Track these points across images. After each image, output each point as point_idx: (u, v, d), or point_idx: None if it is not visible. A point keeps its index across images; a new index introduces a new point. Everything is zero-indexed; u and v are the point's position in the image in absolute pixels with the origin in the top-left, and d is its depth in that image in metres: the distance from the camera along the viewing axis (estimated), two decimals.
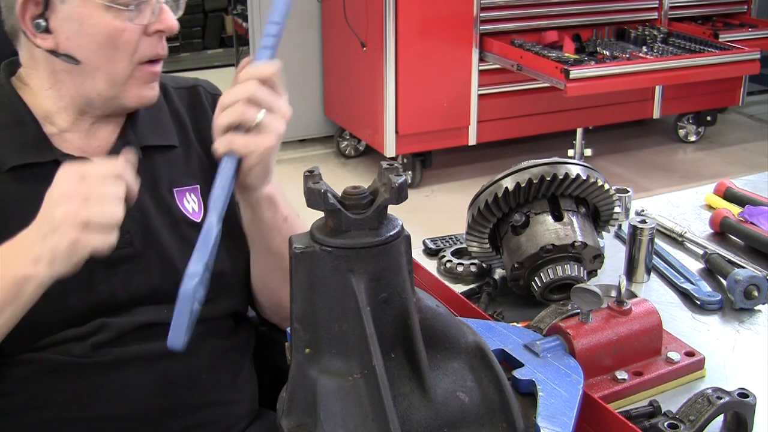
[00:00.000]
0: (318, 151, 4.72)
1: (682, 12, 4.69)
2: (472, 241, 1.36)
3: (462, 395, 0.87)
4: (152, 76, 1.20)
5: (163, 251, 1.21)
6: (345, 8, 4.15)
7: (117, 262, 1.18)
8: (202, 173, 1.29)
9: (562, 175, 1.28)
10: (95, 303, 1.16)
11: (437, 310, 0.89)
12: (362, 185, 0.85)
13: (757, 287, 1.30)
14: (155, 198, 1.23)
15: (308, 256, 0.83)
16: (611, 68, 3.85)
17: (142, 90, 1.19)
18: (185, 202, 1.26)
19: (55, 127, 1.20)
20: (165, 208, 1.24)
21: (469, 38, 4.13)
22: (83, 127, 1.21)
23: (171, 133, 1.28)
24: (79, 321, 1.15)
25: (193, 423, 1.22)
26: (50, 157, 1.17)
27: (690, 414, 0.97)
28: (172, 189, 1.26)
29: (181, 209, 1.25)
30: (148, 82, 1.20)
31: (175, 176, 1.26)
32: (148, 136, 1.25)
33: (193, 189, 1.27)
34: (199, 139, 1.31)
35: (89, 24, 1.13)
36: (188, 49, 6.39)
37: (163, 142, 1.27)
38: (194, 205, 1.27)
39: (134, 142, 1.23)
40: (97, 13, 1.13)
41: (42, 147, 1.18)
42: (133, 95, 1.19)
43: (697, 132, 4.90)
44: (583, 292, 1.09)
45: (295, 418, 0.84)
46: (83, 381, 1.15)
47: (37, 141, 1.18)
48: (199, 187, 1.28)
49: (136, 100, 1.20)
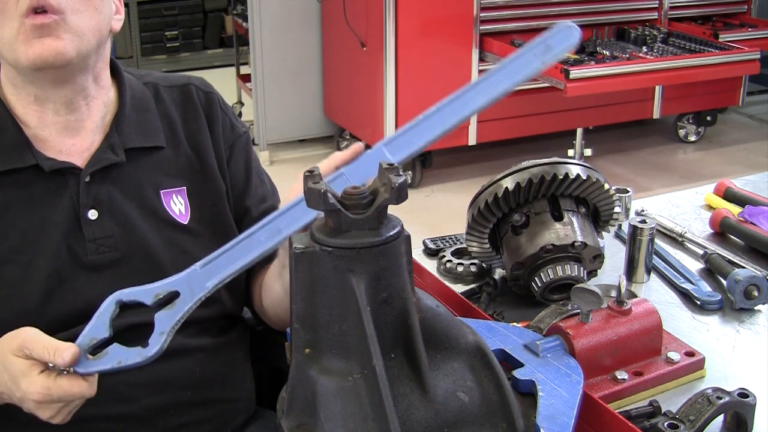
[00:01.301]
0: (318, 151, 4.71)
1: (682, 12, 4.69)
2: (472, 241, 1.36)
3: (462, 395, 0.87)
4: (38, 28, 1.09)
5: (149, 254, 1.20)
6: (345, 8, 4.15)
7: (101, 266, 1.18)
8: (190, 174, 1.27)
9: (562, 175, 1.28)
10: (81, 308, 1.15)
11: (437, 310, 0.89)
12: (362, 185, 0.85)
13: (757, 287, 1.30)
14: (140, 200, 1.22)
15: (308, 256, 0.83)
16: (611, 68, 3.85)
17: (34, 46, 1.09)
18: (172, 204, 1.25)
19: (30, 128, 1.18)
20: (150, 210, 1.23)
21: (469, 38, 4.13)
22: (47, 121, 1.18)
23: (158, 133, 1.26)
24: (67, 326, 1.13)
25: (187, 421, 1.22)
26: (30, 162, 1.16)
27: (690, 414, 0.97)
28: (159, 191, 1.24)
29: (168, 211, 1.24)
30: (39, 37, 1.09)
31: (162, 178, 1.25)
32: (134, 137, 1.23)
33: (180, 191, 1.26)
34: (188, 139, 1.29)
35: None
36: (188, 49, 6.38)
37: (150, 143, 1.25)
38: (181, 207, 1.26)
39: (118, 145, 1.21)
40: None
41: (22, 151, 1.16)
42: (26, 54, 1.09)
43: (697, 132, 4.90)
44: (583, 292, 1.09)
45: (295, 418, 0.84)
46: None
47: (17, 146, 1.16)
48: (185, 188, 1.27)
49: (31, 58, 1.09)
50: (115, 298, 0.96)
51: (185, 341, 1.22)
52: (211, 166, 1.29)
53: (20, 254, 1.15)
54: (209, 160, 1.29)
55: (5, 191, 1.16)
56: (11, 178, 1.16)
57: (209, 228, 1.27)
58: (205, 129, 1.31)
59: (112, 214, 1.20)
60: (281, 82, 4.52)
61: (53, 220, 1.17)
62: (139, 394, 1.18)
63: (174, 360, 1.20)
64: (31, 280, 1.15)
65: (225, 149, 1.32)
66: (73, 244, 1.18)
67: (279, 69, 4.50)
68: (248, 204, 1.33)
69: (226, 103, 1.37)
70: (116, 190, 1.21)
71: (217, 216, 1.28)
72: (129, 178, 1.22)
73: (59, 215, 1.18)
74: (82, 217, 1.18)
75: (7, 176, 1.16)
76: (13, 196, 1.16)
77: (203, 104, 1.32)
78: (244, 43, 4.77)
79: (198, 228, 1.26)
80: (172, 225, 1.24)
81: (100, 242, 1.18)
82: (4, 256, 1.15)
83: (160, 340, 0.93)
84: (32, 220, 1.17)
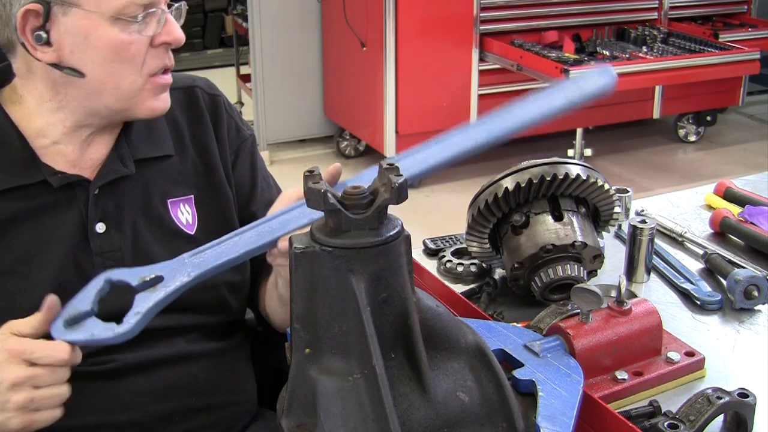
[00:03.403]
0: (318, 151, 4.72)
1: (682, 12, 4.69)
2: (472, 241, 1.36)
3: (462, 395, 0.87)
4: (163, 87, 1.16)
5: None
6: (345, 8, 4.15)
7: None
8: (197, 181, 1.26)
9: (562, 175, 1.28)
10: None
11: (437, 310, 0.89)
12: (362, 185, 0.85)
13: (757, 287, 1.30)
14: (147, 211, 1.21)
15: (308, 256, 0.83)
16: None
17: (154, 102, 1.16)
18: (179, 213, 1.23)
19: (47, 139, 1.16)
20: (157, 221, 1.21)
21: (469, 38, 4.13)
22: (78, 139, 1.17)
23: (166, 141, 1.25)
24: None
25: (191, 427, 1.21)
26: (38, 178, 1.14)
27: (690, 414, 0.97)
28: (166, 201, 1.23)
29: (175, 221, 1.23)
30: (159, 93, 1.16)
31: (169, 187, 1.23)
32: (142, 147, 1.22)
33: (187, 199, 1.25)
34: (195, 145, 1.27)
35: (94, 37, 1.08)
36: (188, 49, 6.37)
37: (158, 153, 1.23)
38: (188, 216, 1.24)
39: (128, 155, 1.19)
40: (103, 26, 1.08)
41: (29, 166, 1.14)
42: (145, 108, 1.15)
43: (697, 132, 4.90)
44: (583, 292, 1.09)
45: (295, 418, 0.84)
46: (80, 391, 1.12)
47: (23, 161, 1.14)
48: (193, 197, 1.25)
49: (148, 112, 1.16)
50: (105, 276, 0.96)
51: (189, 347, 1.21)
52: (218, 172, 1.28)
53: (25, 266, 1.13)
54: (216, 166, 1.28)
55: (11, 205, 1.13)
56: (17, 192, 1.14)
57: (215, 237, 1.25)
58: (211, 134, 1.29)
59: (119, 227, 1.18)
60: (281, 82, 4.52)
61: (60, 232, 1.15)
62: (143, 402, 1.17)
63: (178, 366, 1.20)
64: (35, 292, 1.10)
65: (230, 154, 1.31)
66: (79, 257, 1.16)
67: (279, 69, 4.50)
68: (254, 209, 1.31)
69: (232, 106, 1.35)
70: (124, 201, 1.19)
71: (223, 224, 1.26)
72: (137, 189, 1.20)
73: (66, 228, 1.16)
74: (90, 231, 1.16)
75: (13, 192, 1.13)
76: (19, 210, 1.14)
77: (209, 108, 1.30)
78: (244, 43, 4.78)
79: (204, 238, 1.21)
80: (179, 236, 1.22)
81: (107, 256, 1.16)
82: (8, 268, 1.13)
83: (135, 319, 0.93)
84: (38, 232, 1.15)
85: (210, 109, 1.30)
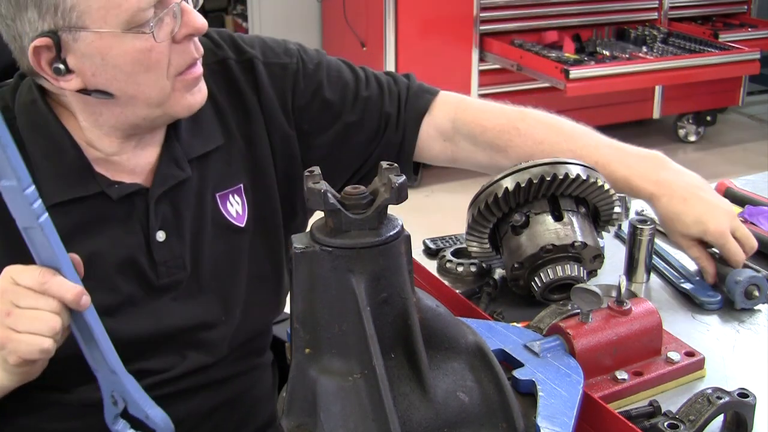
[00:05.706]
0: None
1: (682, 12, 4.69)
2: (472, 241, 1.36)
3: (462, 395, 0.87)
4: (194, 81, 1.10)
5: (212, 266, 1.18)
6: (345, 8, 4.15)
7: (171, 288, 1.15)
8: (244, 167, 1.21)
9: (562, 175, 1.28)
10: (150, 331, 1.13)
11: (437, 310, 0.89)
12: (362, 185, 0.85)
13: (757, 287, 1.30)
14: (200, 211, 1.17)
15: (308, 256, 0.83)
16: (611, 68, 3.86)
17: (189, 99, 1.10)
18: (228, 206, 1.19)
19: (99, 151, 1.12)
20: (210, 218, 1.18)
21: (469, 38, 4.13)
22: (129, 148, 1.13)
23: (214, 132, 1.19)
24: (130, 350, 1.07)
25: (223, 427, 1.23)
26: (94, 189, 1.10)
27: (690, 414, 0.97)
28: (215, 194, 1.19)
29: (225, 215, 1.19)
30: (192, 88, 1.10)
31: (219, 180, 1.19)
32: (194, 143, 1.17)
33: (236, 189, 1.21)
34: (239, 129, 1.21)
35: (112, 56, 1.02)
36: None
37: (209, 147, 1.18)
38: (238, 207, 1.20)
39: (181, 157, 1.15)
40: (117, 42, 1.02)
41: (85, 177, 1.10)
42: (181, 107, 1.10)
43: (697, 132, 4.90)
44: (583, 292, 1.09)
45: (295, 418, 0.84)
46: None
47: (79, 171, 1.10)
48: (242, 186, 1.21)
49: (186, 109, 1.11)
50: None
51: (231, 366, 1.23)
52: (264, 156, 1.23)
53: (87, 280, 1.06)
54: (262, 150, 1.23)
55: (68, 218, 1.08)
56: (76, 204, 1.09)
57: (261, 225, 1.22)
58: (256, 107, 1.23)
59: (178, 232, 1.15)
60: None
61: (122, 243, 1.12)
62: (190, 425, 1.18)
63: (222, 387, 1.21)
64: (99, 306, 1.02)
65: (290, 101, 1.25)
66: (143, 267, 1.13)
67: None
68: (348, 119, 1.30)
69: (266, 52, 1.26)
70: (180, 205, 1.16)
71: (270, 212, 1.23)
72: (191, 190, 1.17)
73: (127, 239, 1.12)
74: (152, 241, 1.13)
75: (70, 204, 1.09)
76: (77, 223, 1.09)
77: (247, 80, 1.23)
78: None
79: (253, 228, 1.22)
80: (231, 230, 1.19)
81: (170, 264, 1.14)
82: None
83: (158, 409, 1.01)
84: (100, 245, 1.11)
85: (248, 81, 1.23)
